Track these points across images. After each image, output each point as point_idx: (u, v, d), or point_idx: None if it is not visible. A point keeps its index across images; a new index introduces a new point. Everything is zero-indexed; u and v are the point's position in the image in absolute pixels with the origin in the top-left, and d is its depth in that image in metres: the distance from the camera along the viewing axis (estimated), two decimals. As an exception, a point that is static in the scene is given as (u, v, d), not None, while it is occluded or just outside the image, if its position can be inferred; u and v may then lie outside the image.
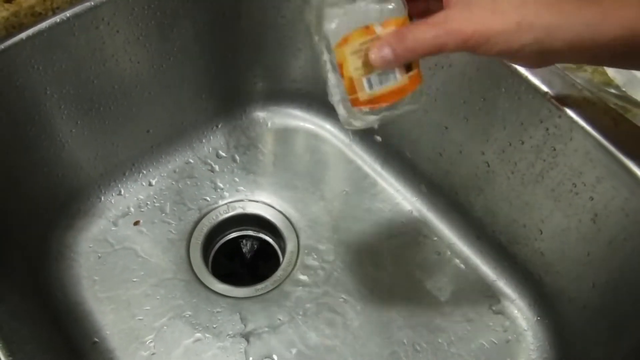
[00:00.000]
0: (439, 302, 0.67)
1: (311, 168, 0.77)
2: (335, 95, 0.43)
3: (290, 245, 0.70)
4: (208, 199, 0.73)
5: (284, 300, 0.66)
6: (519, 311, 0.66)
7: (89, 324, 0.62)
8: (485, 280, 0.68)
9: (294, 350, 0.62)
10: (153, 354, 0.61)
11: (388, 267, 0.69)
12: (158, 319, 0.63)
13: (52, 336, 0.58)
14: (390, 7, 0.40)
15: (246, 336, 0.63)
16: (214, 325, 0.63)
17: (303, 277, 0.67)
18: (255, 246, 0.74)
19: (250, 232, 0.74)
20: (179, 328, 0.63)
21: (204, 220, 0.71)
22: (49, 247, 0.66)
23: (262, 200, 0.73)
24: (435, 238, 0.71)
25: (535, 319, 0.65)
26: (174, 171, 0.74)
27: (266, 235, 0.74)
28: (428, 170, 0.72)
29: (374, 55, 0.39)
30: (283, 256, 0.70)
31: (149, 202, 0.72)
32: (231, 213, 0.72)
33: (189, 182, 0.74)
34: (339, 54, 0.40)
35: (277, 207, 0.73)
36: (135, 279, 0.66)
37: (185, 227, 0.70)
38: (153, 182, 0.73)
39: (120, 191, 0.72)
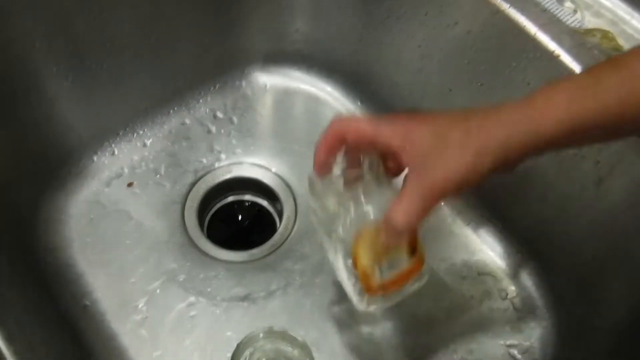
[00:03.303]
0: (439, 269, 0.65)
1: (310, 131, 0.74)
2: (349, 287, 0.48)
3: (288, 210, 0.68)
4: (204, 161, 0.71)
5: (280, 266, 0.64)
6: (519, 279, 0.65)
7: (79, 287, 0.61)
8: (488, 248, 0.66)
9: (288, 316, 0.61)
10: (145, 317, 0.60)
11: (387, 234, 0.67)
12: (151, 283, 0.62)
13: (42, 299, 0.57)
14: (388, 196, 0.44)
15: (241, 301, 0.62)
16: (208, 289, 0.62)
17: (300, 243, 0.66)
18: (252, 211, 0.72)
19: (247, 197, 0.72)
20: (173, 292, 0.61)
21: (200, 183, 0.70)
22: (40, 209, 0.64)
23: (259, 164, 0.71)
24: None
25: (535, 286, 0.64)
26: (170, 132, 0.72)
27: (263, 199, 0.72)
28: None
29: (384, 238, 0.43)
30: (280, 221, 0.68)
31: (143, 164, 0.70)
32: (228, 176, 0.71)
33: (184, 144, 0.72)
34: (353, 251, 0.45)
35: (275, 170, 0.71)
36: (128, 242, 0.64)
37: (181, 189, 0.69)
38: (148, 143, 0.71)
39: (113, 152, 0.70)
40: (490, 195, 0.65)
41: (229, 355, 0.57)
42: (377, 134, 0.42)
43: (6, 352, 0.39)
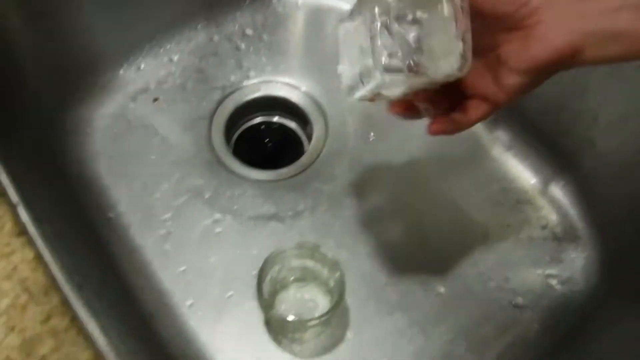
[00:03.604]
0: (475, 195, 0.62)
1: (343, 51, 0.71)
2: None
3: (318, 130, 0.65)
4: (232, 78, 0.68)
5: (308, 186, 0.62)
6: (561, 208, 0.61)
7: (104, 200, 0.59)
8: (528, 174, 0.63)
9: (316, 236, 0.59)
10: (170, 232, 0.58)
11: (421, 157, 0.64)
12: (176, 199, 0.60)
13: (69, 205, 0.55)
14: None
15: (268, 220, 0.59)
16: (234, 207, 0.60)
17: (329, 163, 0.63)
18: (280, 133, 0.70)
19: (275, 118, 0.69)
20: (198, 208, 0.60)
21: (227, 101, 0.67)
22: (64, 120, 0.62)
23: (289, 83, 0.68)
24: (475, 130, 0.66)
25: (578, 215, 0.60)
26: (197, 48, 0.69)
27: (292, 120, 0.69)
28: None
29: None
30: (309, 141, 0.66)
31: (169, 79, 0.67)
32: (256, 94, 0.68)
33: (212, 61, 0.69)
34: None
35: (305, 89, 0.68)
36: (153, 157, 0.62)
37: (208, 106, 0.66)
38: (174, 58, 0.68)
39: (139, 66, 0.67)
40: (534, 117, 0.62)
41: (255, 273, 0.55)
42: None
43: (34, 232, 0.37)
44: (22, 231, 0.37)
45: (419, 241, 0.59)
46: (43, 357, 0.33)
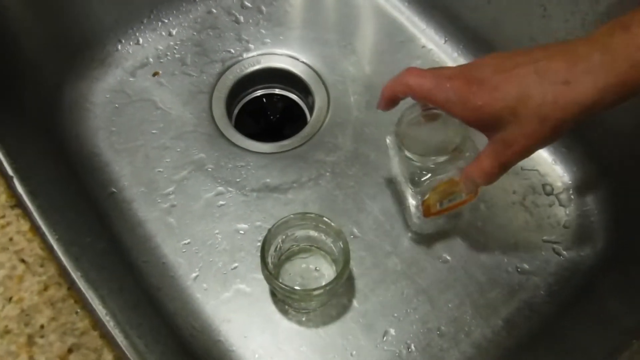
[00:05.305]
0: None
1: (343, 21, 0.70)
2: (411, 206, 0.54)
3: (319, 101, 0.65)
4: (232, 51, 0.67)
5: (311, 157, 0.61)
6: (569, 173, 0.61)
7: (105, 175, 0.59)
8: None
9: (320, 207, 0.58)
10: (173, 205, 0.58)
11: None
12: (178, 172, 0.60)
13: (67, 181, 0.55)
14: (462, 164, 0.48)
15: (271, 191, 0.59)
16: (237, 180, 0.60)
17: (332, 134, 0.63)
18: (282, 105, 0.69)
19: (276, 90, 0.69)
20: (200, 181, 0.59)
21: (227, 74, 0.66)
22: (63, 95, 0.62)
23: (289, 54, 0.67)
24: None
25: (583, 180, 0.60)
26: (196, 21, 0.69)
27: (293, 92, 0.68)
28: (473, 20, 0.64)
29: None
30: (311, 113, 0.65)
31: (168, 53, 0.67)
32: (256, 66, 0.67)
33: (211, 33, 0.68)
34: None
35: (306, 61, 0.67)
36: (154, 131, 0.62)
37: (208, 79, 0.65)
38: (173, 32, 0.68)
39: (138, 40, 0.66)
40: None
41: (259, 244, 0.55)
42: (436, 96, 0.43)
43: (29, 205, 0.37)
44: (16, 204, 0.37)
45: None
46: (41, 327, 0.33)
